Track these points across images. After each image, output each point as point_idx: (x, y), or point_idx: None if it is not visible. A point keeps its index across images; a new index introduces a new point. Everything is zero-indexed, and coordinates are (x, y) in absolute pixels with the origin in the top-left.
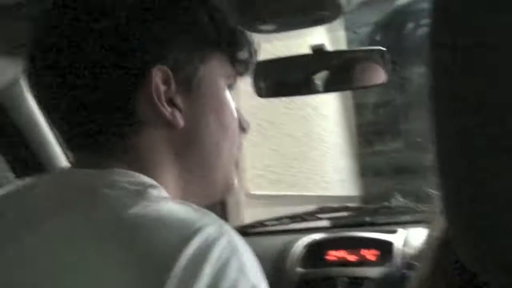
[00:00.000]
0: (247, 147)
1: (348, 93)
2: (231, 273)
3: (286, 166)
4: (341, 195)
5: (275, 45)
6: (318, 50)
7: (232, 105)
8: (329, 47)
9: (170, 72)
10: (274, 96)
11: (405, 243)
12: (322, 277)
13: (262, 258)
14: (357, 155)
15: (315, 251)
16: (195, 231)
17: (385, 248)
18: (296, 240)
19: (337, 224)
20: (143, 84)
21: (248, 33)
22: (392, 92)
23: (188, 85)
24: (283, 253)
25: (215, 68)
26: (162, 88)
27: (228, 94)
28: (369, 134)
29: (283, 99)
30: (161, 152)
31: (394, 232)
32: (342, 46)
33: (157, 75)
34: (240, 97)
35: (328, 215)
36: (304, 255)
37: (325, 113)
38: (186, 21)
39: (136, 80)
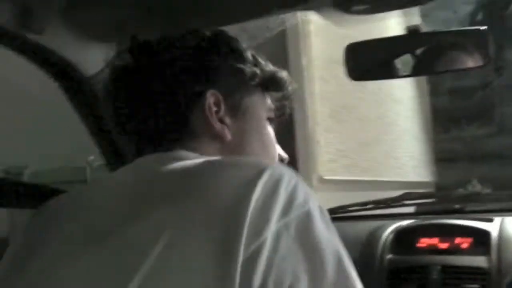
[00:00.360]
0: (320, 132)
1: (423, 77)
2: (301, 194)
3: (359, 151)
4: (415, 180)
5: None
6: (414, 31)
7: (272, 135)
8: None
9: (221, 97)
10: (366, 79)
11: (501, 232)
12: (414, 265)
13: (348, 243)
14: (432, 141)
15: (405, 237)
16: (264, 168)
17: (480, 236)
18: (384, 226)
19: (423, 211)
20: (199, 104)
21: (286, 77)
22: (482, 75)
23: (235, 109)
24: (371, 239)
25: (257, 100)
26: (214, 108)
27: (267, 125)
28: (446, 119)
29: (356, 83)
30: None
31: (490, 220)
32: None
33: (210, 98)
34: (315, 83)
35: (414, 201)
36: (393, 241)
37: (399, 98)
38: (235, 59)
39: (194, 100)
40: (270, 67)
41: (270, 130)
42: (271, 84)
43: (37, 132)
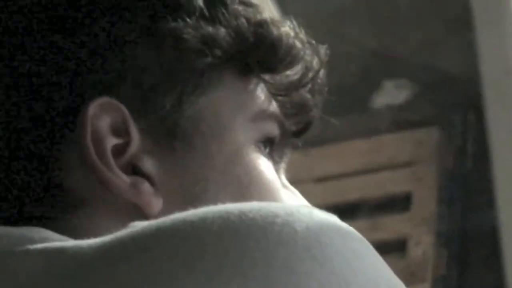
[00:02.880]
0: None
1: None
2: None
3: None
4: None
5: None
6: None
7: (274, 183)
8: None
9: (126, 112)
10: None
11: None
12: None
13: None
14: None
15: None
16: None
17: None
18: None
19: None
20: (73, 136)
21: (292, 34)
22: None
23: (167, 135)
24: None
25: (225, 103)
26: (111, 141)
27: (262, 159)
28: None
29: None
30: None
31: None
32: None
33: (99, 118)
34: None
35: None
36: None
37: None
38: (158, 11)
39: (55, 131)
40: (249, 15)
41: (268, 167)
42: (256, 55)
43: None
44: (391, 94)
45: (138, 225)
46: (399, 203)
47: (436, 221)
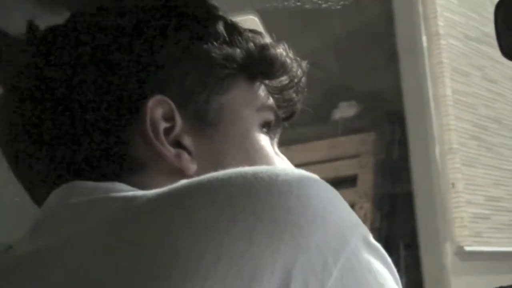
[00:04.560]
0: (455, 167)
1: None
2: None
3: None
4: None
5: None
6: None
7: (271, 153)
8: None
9: (173, 105)
10: None
11: None
12: None
13: None
14: None
15: None
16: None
17: None
18: None
19: None
20: (137, 121)
21: (284, 53)
22: None
23: (200, 121)
24: None
25: (238, 99)
26: (163, 125)
27: (262, 137)
28: None
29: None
30: None
31: None
32: None
33: (155, 109)
34: (444, 78)
35: None
36: None
37: None
38: (196, 36)
39: (127, 117)
40: (256, 40)
41: (266, 142)
42: (260, 67)
43: None
44: (345, 110)
45: (184, 181)
46: (348, 182)
47: (373, 194)
